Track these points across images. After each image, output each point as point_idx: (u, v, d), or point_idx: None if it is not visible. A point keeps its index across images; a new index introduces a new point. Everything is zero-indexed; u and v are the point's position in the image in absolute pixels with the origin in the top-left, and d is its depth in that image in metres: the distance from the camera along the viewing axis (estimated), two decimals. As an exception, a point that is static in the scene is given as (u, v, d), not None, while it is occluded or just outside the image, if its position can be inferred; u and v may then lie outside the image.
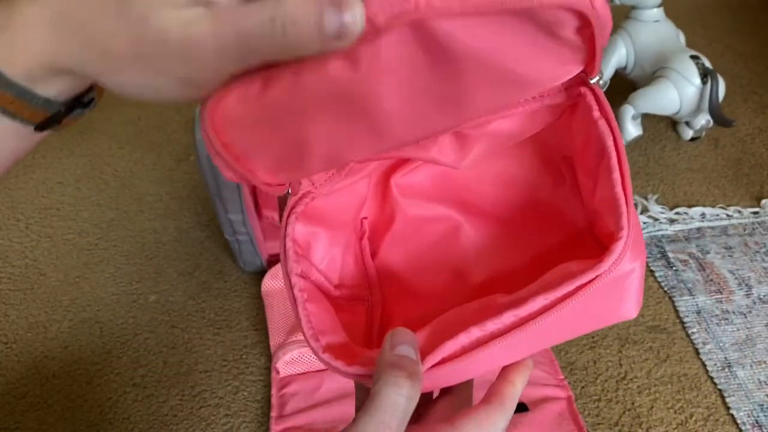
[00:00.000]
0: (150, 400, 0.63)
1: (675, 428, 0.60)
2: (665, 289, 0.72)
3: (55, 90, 0.28)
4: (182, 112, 0.98)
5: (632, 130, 0.88)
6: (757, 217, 0.80)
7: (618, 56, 0.91)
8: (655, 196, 0.83)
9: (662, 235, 0.78)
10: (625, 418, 0.61)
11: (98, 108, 1.00)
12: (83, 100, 0.30)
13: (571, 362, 0.65)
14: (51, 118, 0.28)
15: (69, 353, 0.67)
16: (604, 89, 0.94)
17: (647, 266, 0.74)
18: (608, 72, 0.93)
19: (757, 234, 0.78)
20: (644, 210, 0.81)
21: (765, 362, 0.65)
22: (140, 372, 0.65)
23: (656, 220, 0.80)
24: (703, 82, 0.81)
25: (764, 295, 0.71)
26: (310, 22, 0.22)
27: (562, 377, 0.63)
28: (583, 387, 0.63)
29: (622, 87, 0.91)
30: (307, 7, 0.22)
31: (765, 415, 0.60)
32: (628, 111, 0.87)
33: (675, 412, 0.61)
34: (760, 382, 0.63)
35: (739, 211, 0.81)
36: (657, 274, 0.73)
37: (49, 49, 0.26)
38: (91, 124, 0.96)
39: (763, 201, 0.83)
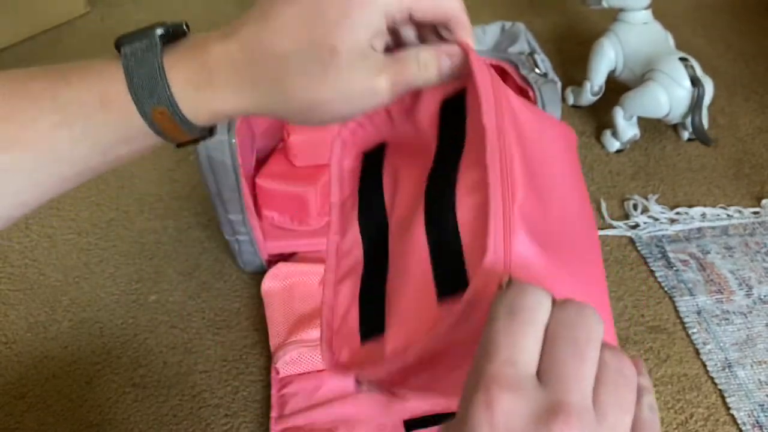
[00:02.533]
0: (150, 400, 0.63)
1: (675, 428, 0.60)
2: (666, 289, 0.72)
3: (213, 123, 0.34)
4: (182, 112, 0.98)
5: (628, 130, 0.88)
6: (757, 217, 0.80)
7: (607, 60, 0.90)
8: (656, 196, 0.83)
9: (663, 235, 0.78)
10: (626, 419, 0.61)
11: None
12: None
13: (572, 362, 0.65)
14: (192, 141, 0.35)
15: (69, 353, 0.67)
16: (599, 95, 0.94)
17: (648, 266, 0.74)
18: (600, 78, 0.92)
19: (758, 234, 0.78)
20: (644, 210, 0.81)
21: (765, 362, 0.65)
22: (140, 372, 0.65)
23: (657, 220, 0.80)
24: (693, 86, 0.81)
25: (764, 295, 0.71)
26: (435, 64, 0.34)
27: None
28: (583, 387, 0.63)
29: (619, 88, 0.91)
30: (432, 55, 0.34)
31: (765, 415, 0.60)
32: (619, 113, 0.87)
33: (675, 412, 0.61)
34: (760, 382, 0.63)
35: (740, 211, 0.81)
36: (657, 275, 0.73)
37: (243, 105, 0.33)
38: (91, 124, 0.96)
39: (764, 201, 0.83)
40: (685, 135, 0.91)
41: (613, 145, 0.90)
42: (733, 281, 0.72)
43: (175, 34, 0.33)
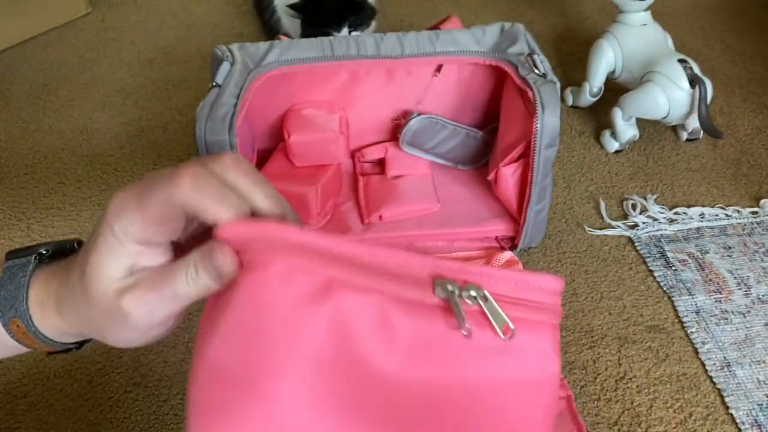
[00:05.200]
0: (151, 399, 0.63)
1: (674, 428, 0.60)
2: (664, 288, 0.72)
3: (71, 340, 0.40)
4: (183, 112, 0.99)
5: (627, 131, 0.88)
6: (756, 217, 0.81)
7: (606, 61, 0.91)
8: (654, 196, 0.83)
9: (661, 235, 0.78)
10: (625, 418, 0.61)
11: (99, 108, 1.01)
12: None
13: (570, 361, 0.65)
14: (62, 351, 0.41)
15: (70, 353, 0.67)
16: (598, 96, 0.95)
17: (647, 266, 0.75)
18: (599, 79, 0.92)
19: (756, 234, 0.79)
20: (643, 210, 0.82)
21: (764, 362, 0.65)
22: (141, 371, 0.65)
23: (655, 220, 0.80)
24: (692, 86, 0.81)
25: (763, 295, 0.71)
26: (207, 271, 0.34)
27: (561, 376, 0.63)
28: (582, 386, 0.63)
29: (618, 88, 0.91)
30: (203, 263, 0.34)
31: (764, 415, 0.61)
32: (618, 114, 0.88)
33: (674, 411, 0.61)
34: (759, 381, 0.63)
35: (738, 211, 0.82)
36: (656, 274, 0.74)
37: (61, 327, 0.38)
38: (93, 124, 0.96)
39: (762, 201, 0.83)
40: (684, 135, 0.92)
41: (612, 145, 0.90)
42: (731, 281, 0.73)
43: (62, 251, 0.39)
